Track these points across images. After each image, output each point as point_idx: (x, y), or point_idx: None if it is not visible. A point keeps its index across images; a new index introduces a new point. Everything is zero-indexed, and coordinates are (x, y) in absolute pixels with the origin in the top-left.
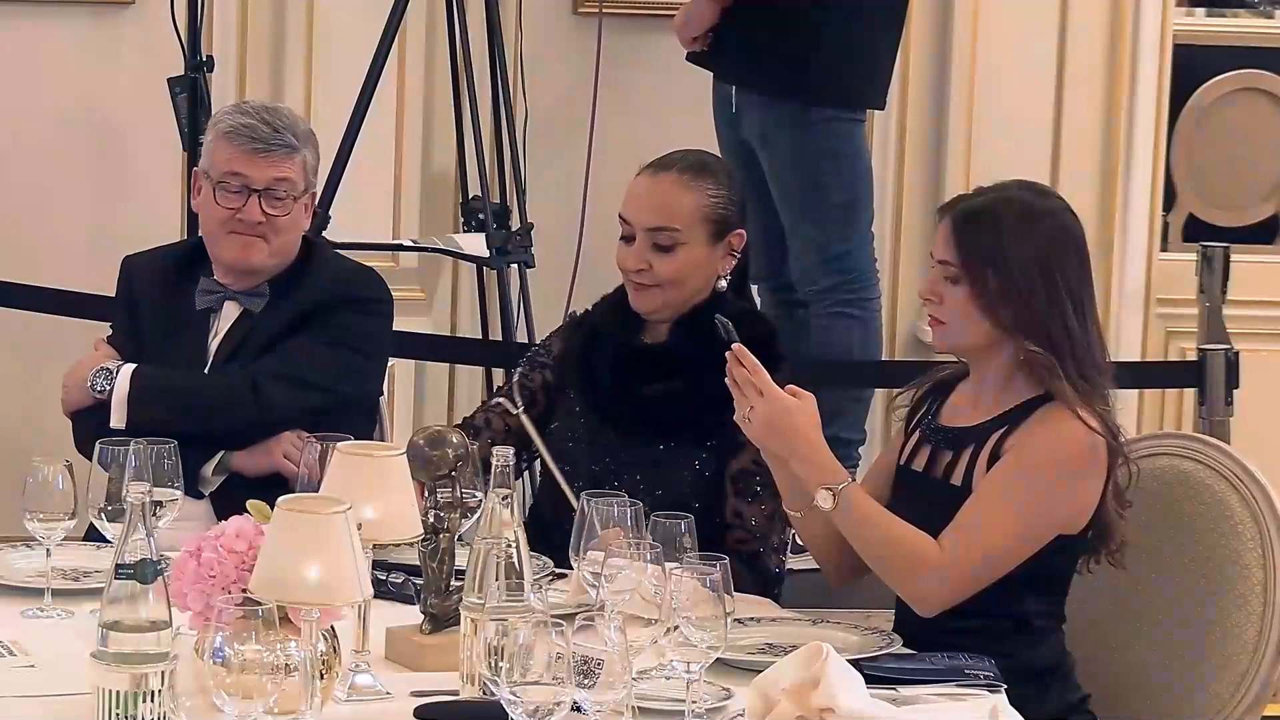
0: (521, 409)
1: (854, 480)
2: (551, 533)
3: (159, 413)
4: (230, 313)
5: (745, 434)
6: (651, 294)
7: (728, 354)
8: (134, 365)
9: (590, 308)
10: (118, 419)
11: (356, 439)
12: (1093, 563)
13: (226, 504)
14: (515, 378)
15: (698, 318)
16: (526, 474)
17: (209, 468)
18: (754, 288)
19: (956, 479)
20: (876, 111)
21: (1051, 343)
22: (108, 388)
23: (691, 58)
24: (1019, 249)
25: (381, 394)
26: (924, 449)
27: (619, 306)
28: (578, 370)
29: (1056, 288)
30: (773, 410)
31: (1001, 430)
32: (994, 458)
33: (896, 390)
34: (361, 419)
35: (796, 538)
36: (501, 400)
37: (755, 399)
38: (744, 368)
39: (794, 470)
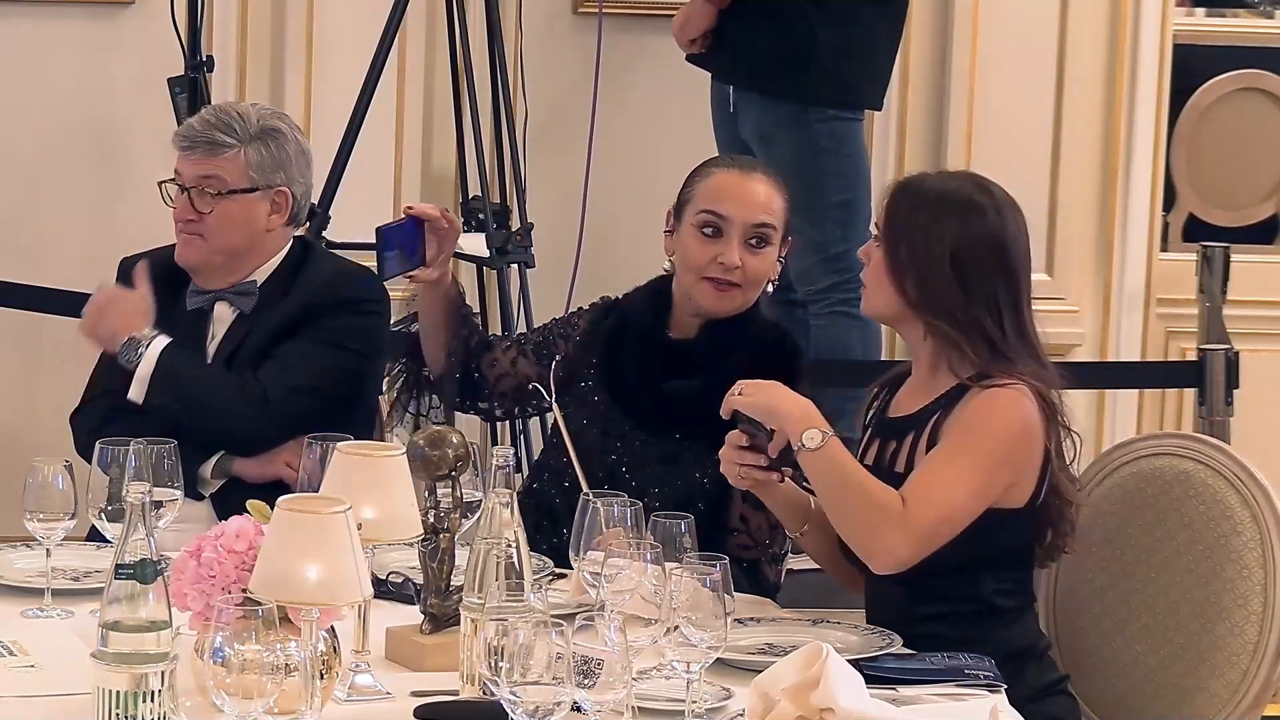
0: (554, 400)
1: None
2: (556, 512)
3: (171, 401)
4: (224, 315)
5: (744, 408)
6: (734, 294)
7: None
8: (164, 344)
9: (620, 296)
10: (137, 393)
11: (356, 439)
12: (1054, 552)
13: (228, 505)
14: (553, 329)
15: (731, 322)
16: (523, 437)
17: (207, 468)
18: None
19: (900, 466)
20: (876, 112)
21: (955, 324)
22: (134, 361)
23: (691, 58)
24: (931, 229)
25: (381, 394)
26: (874, 443)
27: (651, 298)
28: (602, 357)
29: (964, 277)
30: (755, 383)
31: (936, 415)
32: (932, 441)
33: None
34: (361, 419)
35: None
36: (535, 385)
37: (740, 388)
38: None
39: (779, 410)
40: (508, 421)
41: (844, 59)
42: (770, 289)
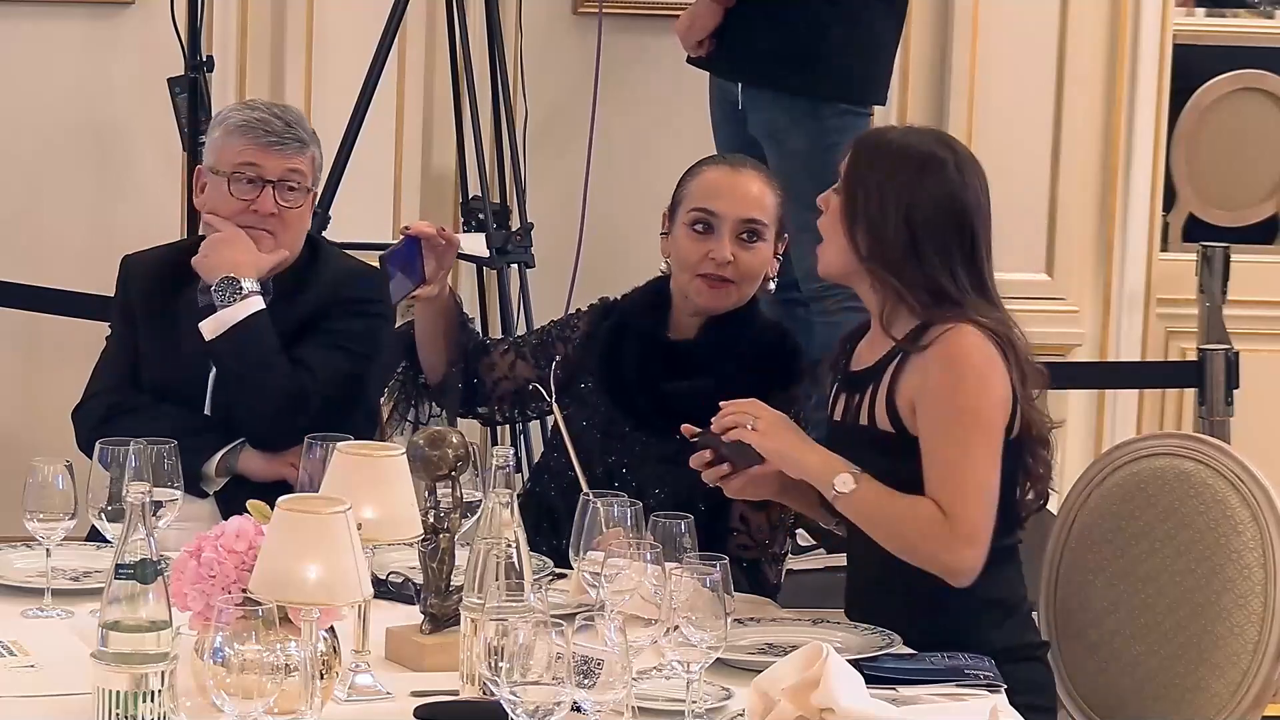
0: (555, 400)
1: None
2: (557, 513)
3: (236, 356)
4: None
5: (758, 446)
6: (728, 290)
7: (713, 426)
8: (261, 304)
9: (618, 297)
10: (211, 330)
11: (357, 439)
12: (1038, 497)
13: (232, 504)
14: (550, 333)
15: (728, 320)
16: (523, 439)
17: (211, 466)
18: None
19: (864, 419)
20: (877, 108)
21: (901, 278)
22: (225, 301)
23: (692, 60)
24: (886, 181)
25: (381, 395)
26: (840, 397)
27: (650, 299)
28: (601, 358)
29: (915, 234)
30: (776, 417)
31: (894, 363)
32: (890, 393)
33: None
34: (362, 420)
35: (799, 541)
36: (535, 385)
37: (755, 412)
38: (729, 418)
39: (806, 463)
40: (508, 425)
41: (855, 54)
42: (771, 286)
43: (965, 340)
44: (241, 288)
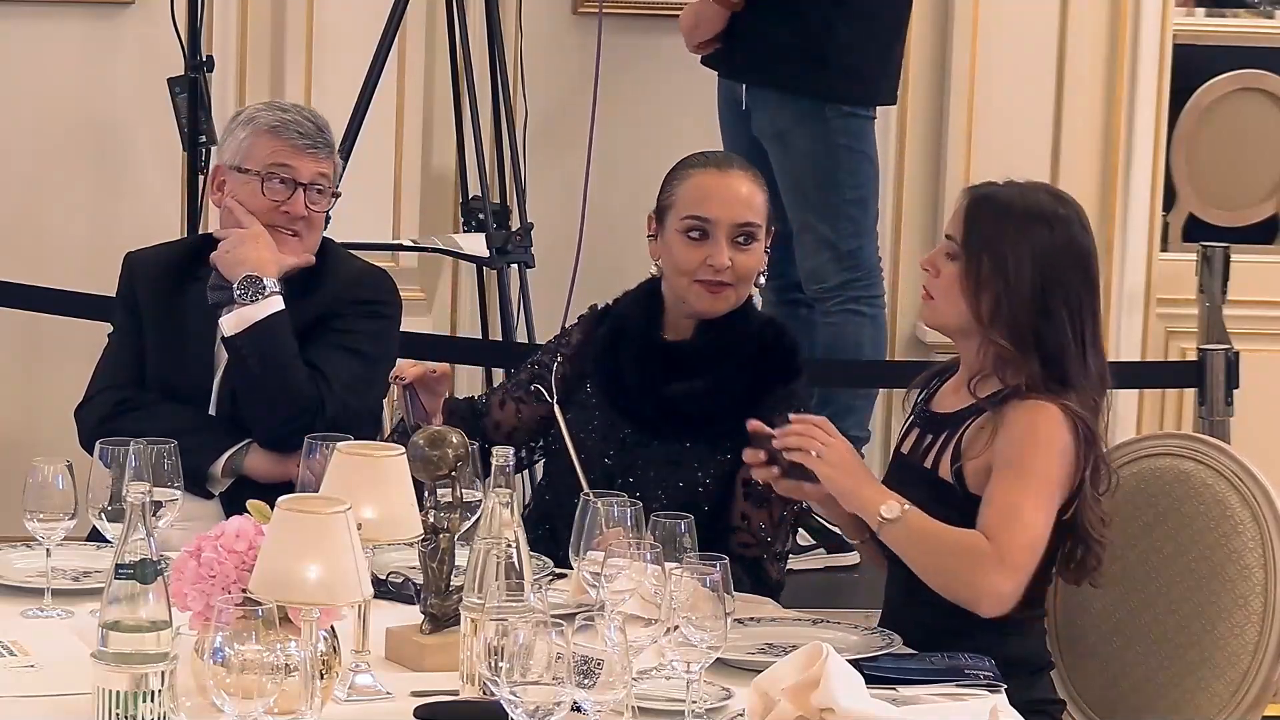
0: (556, 400)
1: None
2: (556, 520)
3: (257, 354)
4: None
5: (820, 475)
6: (727, 293)
7: (777, 438)
8: (281, 303)
9: (612, 302)
10: (232, 327)
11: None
12: (1073, 582)
13: (236, 504)
14: (540, 361)
15: (722, 321)
16: (526, 474)
17: (218, 467)
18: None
19: (929, 463)
20: (881, 110)
21: (1023, 341)
22: (246, 299)
23: (703, 59)
24: (1019, 241)
25: (384, 395)
26: (914, 432)
27: (644, 301)
28: (599, 364)
29: (1047, 291)
30: (844, 449)
31: (973, 418)
32: (958, 445)
33: (901, 390)
34: (368, 420)
35: (799, 541)
36: (537, 387)
37: (825, 439)
38: (796, 434)
39: (861, 496)
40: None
41: (860, 55)
42: (761, 281)
43: (1049, 414)
44: (264, 286)
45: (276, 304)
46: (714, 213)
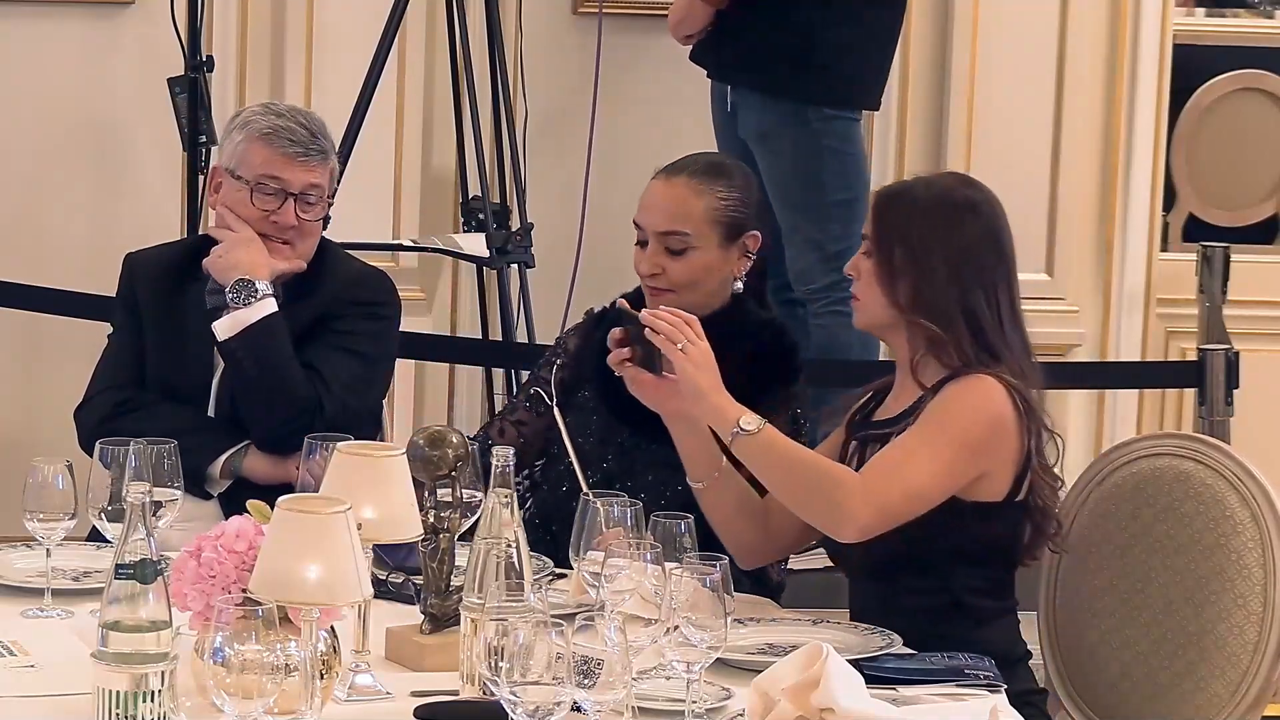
0: (556, 402)
1: None
2: (553, 523)
3: (252, 358)
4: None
5: (676, 364)
6: (666, 298)
7: (643, 315)
8: (275, 306)
9: (606, 305)
10: (225, 330)
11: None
12: (1034, 549)
13: (235, 505)
14: (538, 374)
15: (716, 322)
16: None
17: (216, 467)
18: None
19: None
20: (875, 112)
21: (946, 319)
22: (239, 303)
23: (693, 58)
24: (926, 228)
25: (385, 395)
26: (852, 445)
27: (641, 304)
28: (596, 368)
29: (961, 274)
30: (708, 351)
31: (914, 415)
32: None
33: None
34: (366, 422)
35: None
36: (536, 390)
37: (693, 337)
38: (665, 322)
39: (717, 403)
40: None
41: (846, 58)
42: (739, 286)
43: (985, 385)
44: (256, 289)
45: (269, 306)
46: (644, 220)
